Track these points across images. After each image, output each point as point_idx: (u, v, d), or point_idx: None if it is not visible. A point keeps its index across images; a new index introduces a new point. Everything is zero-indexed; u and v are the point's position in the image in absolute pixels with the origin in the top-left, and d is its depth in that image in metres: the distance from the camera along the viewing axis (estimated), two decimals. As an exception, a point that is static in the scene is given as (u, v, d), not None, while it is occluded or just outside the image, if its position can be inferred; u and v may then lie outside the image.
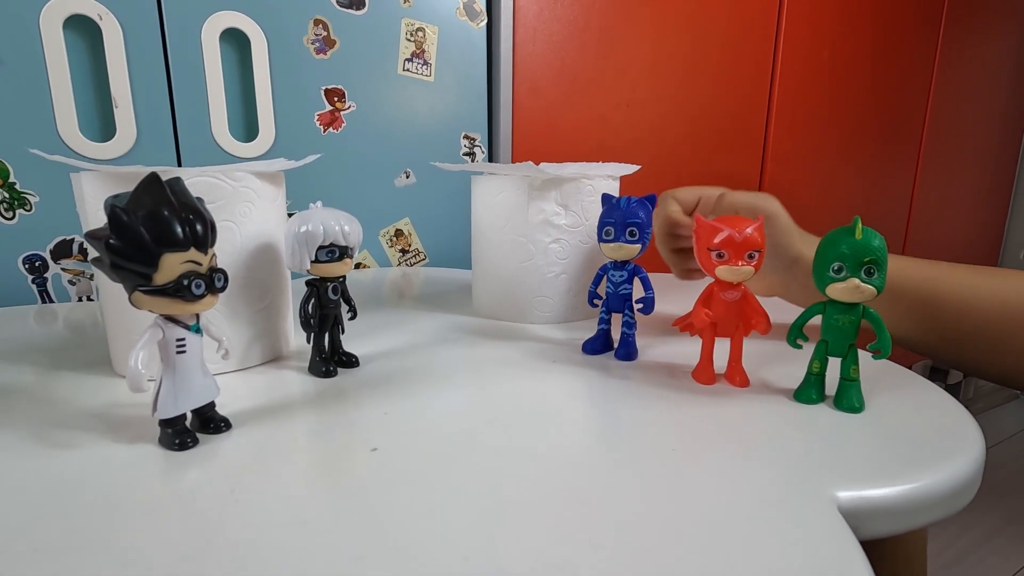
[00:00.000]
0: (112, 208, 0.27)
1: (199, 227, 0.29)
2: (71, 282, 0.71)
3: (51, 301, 0.71)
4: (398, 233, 0.92)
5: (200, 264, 0.30)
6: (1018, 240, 1.95)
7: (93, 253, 0.29)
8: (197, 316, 0.32)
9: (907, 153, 1.51)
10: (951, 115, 1.58)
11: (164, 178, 0.29)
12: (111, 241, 0.27)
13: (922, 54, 1.46)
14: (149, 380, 0.31)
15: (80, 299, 0.72)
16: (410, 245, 0.94)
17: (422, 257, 0.95)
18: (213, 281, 0.30)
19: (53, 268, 0.70)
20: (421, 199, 0.93)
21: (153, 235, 0.28)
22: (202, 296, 0.30)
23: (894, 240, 1.56)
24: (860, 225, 0.35)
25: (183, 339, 0.31)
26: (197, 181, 0.38)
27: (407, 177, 0.91)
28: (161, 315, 0.30)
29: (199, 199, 0.31)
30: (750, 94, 1.20)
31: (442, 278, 0.82)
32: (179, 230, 0.29)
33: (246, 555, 0.23)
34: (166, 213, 0.29)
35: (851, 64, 1.31)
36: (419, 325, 0.56)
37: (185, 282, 0.29)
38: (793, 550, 0.23)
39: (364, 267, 0.90)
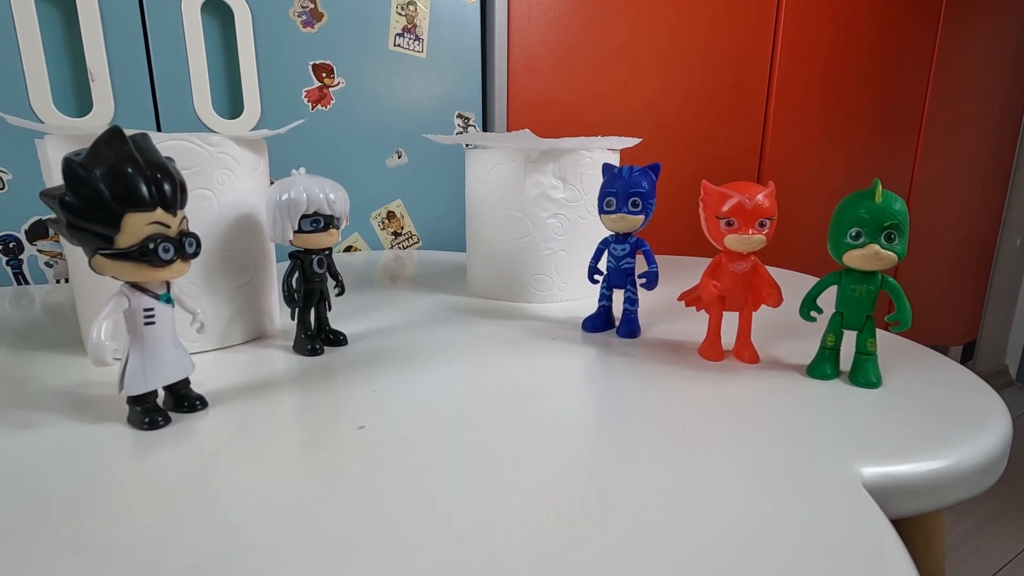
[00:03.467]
0: (67, 161, 0.25)
1: (167, 186, 0.27)
2: (48, 264, 0.68)
3: (27, 283, 0.68)
4: (390, 215, 0.90)
5: (168, 226, 0.27)
6: (1015, 226, 1.93)
7: (52, 215, 0.27)
8: (168, 285, 0.29)
9: (907, 136, 1.49)
10: (951, 99, 1.56)
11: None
12: (66, 198, 0.25)
13: (923, 36, 1.44)
14: (116, 358, 0.28)
15: (58, 281, 0.69)
16: (403, 228, 0.91)
17: (415, 240, 0.92)
18: (183, 245, 0.28)
19: (29, 250, 0.67)
20: (414, 180, 0.90)
21: (114, 192, 0.25)
22: (171, 261, 0.27)
23: (893, 225, 1.54)
24: (880, 188, 0.32)
25: (151, 309, 0.28)
26: (169, 144, 0.36)
27: (399, 157, 0.88)
28: (127, 283, 0.28)
29: (169, 159, 0.29)
30: (751, 74, 1.17)
31: (437, 260, 0.80)
32: (144, 188, 0.26)
33: (214, 540, 0.20)
34: (129, 169, 0.26)
35: (852, 44, 1.29)
36: (411, 305, 0.54)
37: (151, 245, 0.26)
38: (820, 529, 0.21)
39: (355, 250, 0.88)
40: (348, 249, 0.87)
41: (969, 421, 0.30)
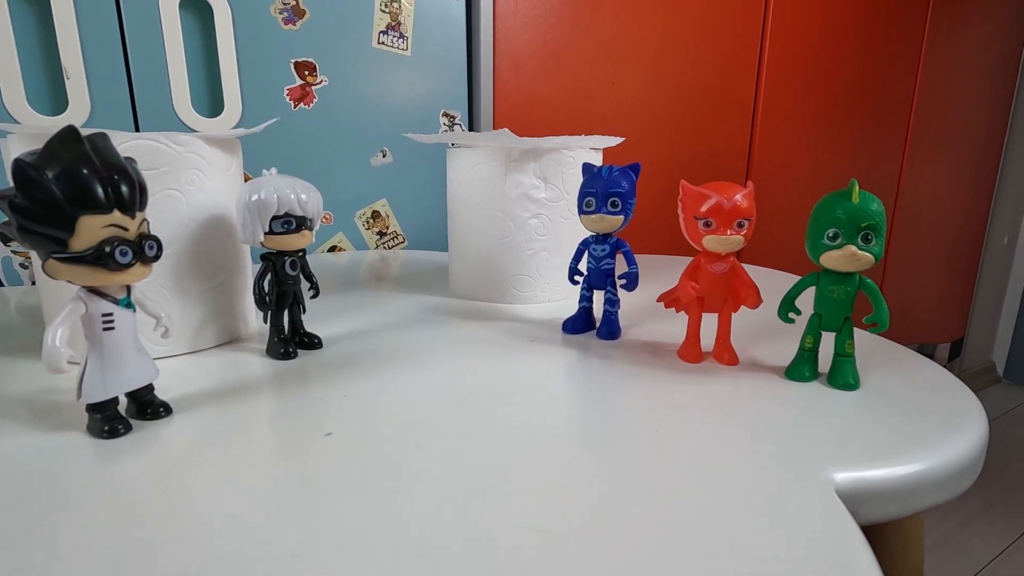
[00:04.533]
0: (17, 162, 0.24)
1: (124, 187, 0.26)
2: (23, 265, 0.67)
3: (2, 285, 0.67)
4: (375, 215, 0.89)
5: (126, 229, 0.26)
6: (1002, 225, 1.95)
7: (5, 217, 0.26)
8: (128, 289, 0.29)
9: (895, 135, 1.50)
10: (938, 98, 1.57)
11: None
12: (16, 200, 0.24)
13: (910, 36, 1.44)
14: (74, 362, 0.28)
15: (33, 283, 0.68)
16: (388, 227, 0.90)
17: (401, 240, 0.92)
18: (143, 248, 0.27)
19: (2, 251, 0.66)
20: (399, 179, 0.89)
21: (67, 194, 0.25)
22: (129, 265, 0.26)
23: (881, 224, 1.55)
24: (857, 188, 0.32)
25: (110, 314, 0.27)
26: (135, 144, 0.35)
27: (384, 156, 0.87)
28: (84, 287, 0.27)
29: (129, 159, 0.28)
30: (738, 73, 1.17)
31: (422, 260, 0.79)
32: (99, 190, 0.25)
33: (166, 554, 0.20)
34: (84, 170, 0.25)
35: (839, 44, 1.29)
36: (390, 307, 0.53)
37: (107, 249, 0.26)
38: (789, 536, 0.21)
39: (340, 250, 0.87)
40: (332, 249, 0.86)
41: (945, 425, 0.30)
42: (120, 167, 0.26)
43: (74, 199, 0.25)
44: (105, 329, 0.27)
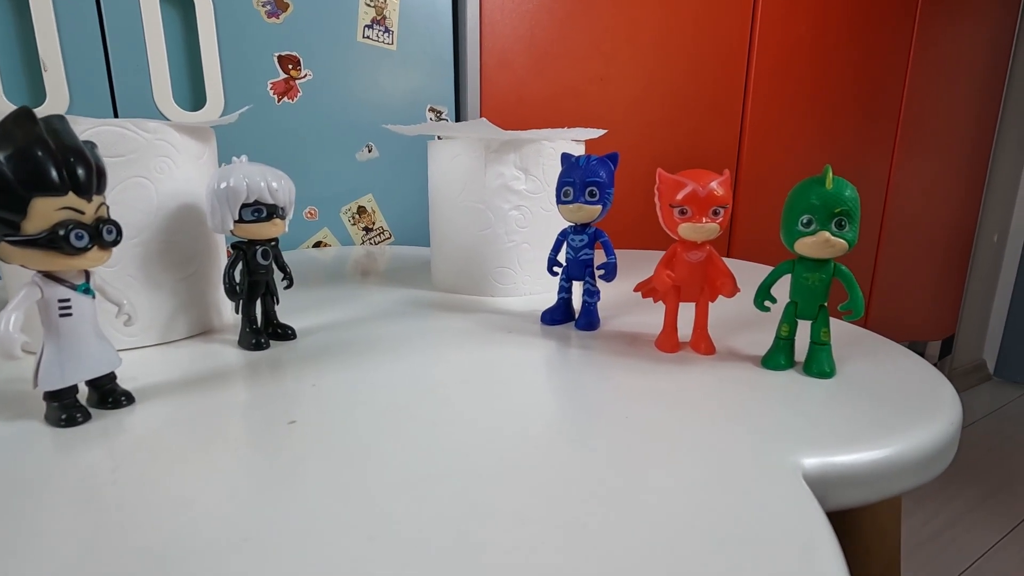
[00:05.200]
0: (-34, 143, 0.23)
1: (80, 170, 0.26)
2: None
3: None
4: (361, 210, 0.88)
5: (82, 212, 0.26)
6: (992, 223, 1.96)
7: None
8: (88, 275, 0.28)
9: (885, 132, 1.50)
10: (928, 95, 1.57)
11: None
12: (-36, 181, 0.23)
13: (899, 33, 1.44)
14: (29, 351, 0.27)
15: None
16: (374, 223, 0.90)
17: (387, 235, 0.91)
18: (100, 233, 0.26)
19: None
20: (385, 174, 0.89)
21: (19, 176, 0.24)
22: (85, 249, 0.26)
23: (871, 221, 1.55)
24: (831, 174, 0.32)
25: (67, 300, 0.27)
26: (100, 130, 0.34)
27: (369, 151, 0.87)
28: (39, 272, 0.26)
29: (89, 143, 0.27)
30: (728, 69, 1.17)
31: (407, 255, 0.78)
32: (53, 171, 0.25)
33: (111, 542, 0.19)
34: (38, 152, 0.25)
35: (828, 40, 1.29)
36: (369, 299, 0.52)
37: (61, 232, 0.25)
38: (752, 521, 0.20)
39: (325, 246, 0.86)
40: (318, 244, 0.86)
41: (916, 410, 0.29)
42: (76, 149, 0.26)
43: (26, 181, 0.24)
44: (62, 315, 0.27)
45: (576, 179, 0.41)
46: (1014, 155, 1.93)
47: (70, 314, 0.27)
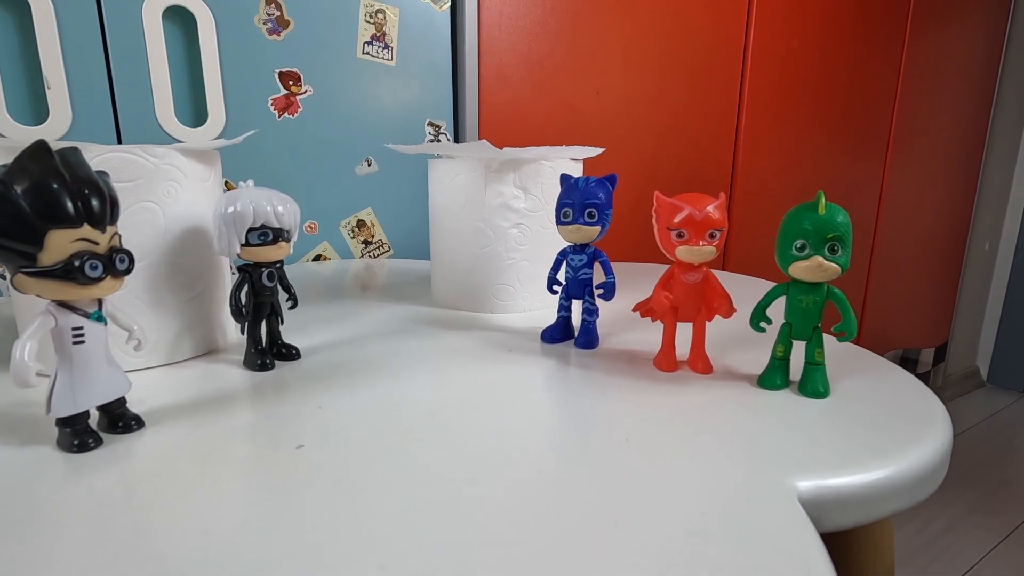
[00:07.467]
0: (-15, 178, 0.24)
1: (95, 202, 0.26)
2: (2, 276, 0.67)
3: (-20, 297, 0.66)
4: (360, 224, 0.89)
5: (96, 243, 0.26)
6: (983, 230, 1.98)
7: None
8: (99, 303, 0.29)
9: (877, 142, 1.52)
10: (920, 106, 1.59)
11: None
12: (-17, 215, 0.24)
13: (890, 43, 1.47)
14: (42, 375, 0.27)
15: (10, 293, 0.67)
16: (373, 236, 0.90)
17: (386, 249, 0.92)
18: (114, 262, 0.27)
19: (-18, 261, 0.65)
20: (384, 188, 0.89)
21: (36, 209, 0.25)
22: (99, 279, 0.26)
23: (864, 230, 1.57)
24: (823, 200, 0.33)
25: (80, 328, 0.27)
26: (109, 157, 0.35)
27: (369, 165, 0.88)
28: (53, 301, 0.27)
29: (101, 172, 0.28)
30: (722, 82, 1.19)
31: (406, 269, 0.79)
32: (69, 204, 0.25)
33: (129, 569, 0.20)
34: (54, 185, 0.25)
35: (821, 52, 1.31)
36: (371, 317, 0.53)
37: (77, 263, 0.26)
38: (748, 544, 0.21)
39: (324, 259, 0.87)
40: (317, 258, 0.86)
41: (908, 432, 0.30)
42: (91, 181, 0.26)
43: (43, 214, 0.25)
44: (75, 343, 0.27)
45: (575, 200, 0.42)
46: (1004, 163, 1.96)
47: (83, 341, 0.28)
